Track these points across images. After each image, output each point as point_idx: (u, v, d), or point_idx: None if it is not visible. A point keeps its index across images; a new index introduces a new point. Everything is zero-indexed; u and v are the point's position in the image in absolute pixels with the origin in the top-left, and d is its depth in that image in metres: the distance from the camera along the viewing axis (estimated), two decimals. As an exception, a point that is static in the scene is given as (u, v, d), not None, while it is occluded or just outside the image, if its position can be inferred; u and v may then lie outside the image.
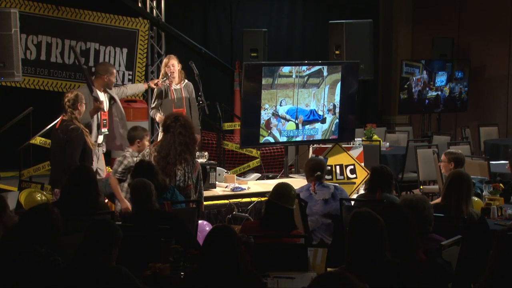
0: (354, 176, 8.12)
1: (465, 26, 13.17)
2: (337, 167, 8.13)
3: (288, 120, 8.30)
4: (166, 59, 8.48)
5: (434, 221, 4.75)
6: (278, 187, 5.25)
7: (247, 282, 3.80)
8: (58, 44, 10.17)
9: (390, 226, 4.05)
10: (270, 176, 9.09)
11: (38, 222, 4.29)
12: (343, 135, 8.68)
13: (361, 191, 7.25)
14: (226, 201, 7.37)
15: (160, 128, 7.40)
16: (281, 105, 8.20)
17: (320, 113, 8.49)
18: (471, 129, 11.81)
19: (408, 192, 9.52)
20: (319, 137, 8.55)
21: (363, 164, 8.18)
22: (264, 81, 7.99)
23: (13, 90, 10.06)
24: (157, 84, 8.37)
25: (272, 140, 8.29)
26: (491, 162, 8.19)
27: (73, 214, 5.17)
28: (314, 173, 6.46)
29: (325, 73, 8.44)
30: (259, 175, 8.82)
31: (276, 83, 8.10)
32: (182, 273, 4.37)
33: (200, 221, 6.27)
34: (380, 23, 14.15)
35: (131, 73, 10.68)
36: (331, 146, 8.30)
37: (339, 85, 8.53)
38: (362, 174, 8.06)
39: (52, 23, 10.07)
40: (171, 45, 11.63)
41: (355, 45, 10.38)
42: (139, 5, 11.17)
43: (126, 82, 10.34)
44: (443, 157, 7.10)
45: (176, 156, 6.31)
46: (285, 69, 8.16)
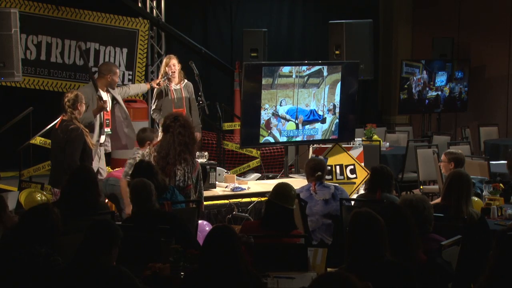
0: (354, 176, 8.12)
1: (465, 26, 13.17)
2: (337, 167, 8.13)
3: (288, 120, 8.30)
4: (167, 59, 8.48)
5: (434, 221, 4.75)
6: (278, 187, 5.25)
7: (247, 282, 3.80)
8: (58, 44, 10.17)
9: (390, 226, 4.06)
10: (270, 176, 9.08)
11: (38, 222, 4.29)
12: (343, 135, 8.67)
13: (361, 191, 7.25)
14: (226, 201, 7.36)
15: (160, 128, 7.39)
16: (281, 105, 8.20)
17: (320, 113, 8.49)
18: (471, 129, 11.80)
19: (408, 192, 9.52)
20: (319, 137, 8.55)
21: (363, 164, 8.17)
22: (264, 81, 7.99)
23: (13, 90, 10.06)
24: (159, 84, 8.36)
25: (272, 140, 8.28)
26: (491, 162, 8.19)
27: (73, 214, 5.17)
28: (315, 173, 6.46)
29: (325, 73, 8.44)
30: (259, 175, 8.81)
31: (276, 83, 8.10)
32: (182, 273, 4.37)
33: (200, 221, 6.26)
34: (380, 23, 14.15)
35: (131, 73, 10.68)
36: (331, 146, 8.30)
37: (339, 85, 8.53)
38: (362, 174, 8.06)
39: (52, 23, 10.07)
40: (171, 45, 11.63)
41: (355, 45, 10.38)
42: (139, 5, 11.17)
43: (126, 82, 10.34)
44: (443, 157, 7.09)
45: (175, 156, 6.31)
46: (285, 69, 8.16)
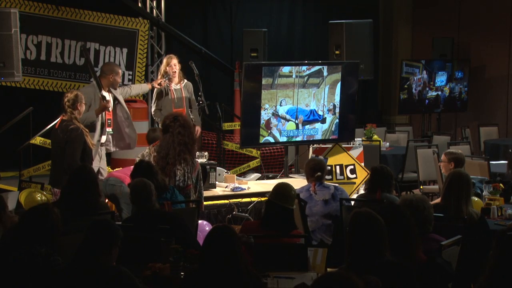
0: (354, 176, 8.12)
1: (465, 26, 13.17)
2: (337, 167, 8.13)
3: (288, 120, 8.30)
4: (168, 59, 8.46)
5: (434, 221, 4.75)
6: (278, 187, 5.25)
7: (247, 282, 3.80)
8: (58, 44, 10.17)
9: (390, 226, 4.06)
10: (270, 176, 9.08)
11: (38, 222, 4.29)
12: (343, 135, 8.67)
13: (361, 191, 7.25)
14: (226, 201, 7.36)
15: (159, 128, 7.39)
16: (281, 105, 8.20)
17: (320, 113, 8.49)
18: (471, 129, 11.80)
19: (408, 192, 9.52)
20: (319, 137, 8.55)
21: (363, 164, 8.17)
22: (264, 81, 7.99)
23: (13, 90, 10.06)
24: (160, 84, 8.35)
25: (272, 140, 8.28)
26: (491, 162, 8.19)
27: (73, 214, 5.17)
28: (315, 173, 6.46)
29: (325, 73, 8.44)
30: (259, 175, 8.81)
31: (276, 83, 8.10)
32: (182, 273, 4.37)
33: (200, 221, 6.26)
34: (380, 23, 14.15)
35: (131, 73, 10.68)
36: (331, 146, 8.30)
37: (339, 85, 8.52)
38: (362, 174, 8.06)
39: (52, 23, 10.07)
40: (171, 45, 11.63)
41: (355, 45, 10.38)
42: (139, 5, 11.17)
43: (126, 82, 10.34)
44: (443, 157, 7.09)
45: (175, 156, 6.31)
46: (285, 69, 8.16)
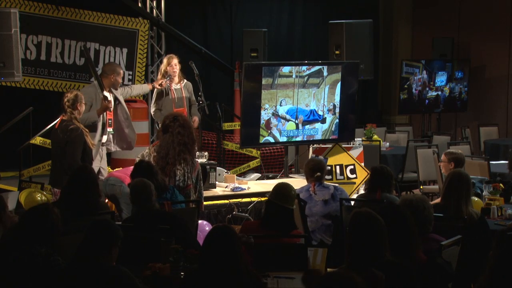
0: (354, 176, 8.12)
1: (465, 26, 13.17)
2: (337, 167, 8.13)
3: (288, 120, 8.30)
4: (168, 59, 8.44)
5: (434, 221, 4.75)
6: (278, 187, 5.25)
7: (247, 282, 3.80)
8: (58, 44, 10.17)
9: (390, 226, 4.06)
10: (270, 176, 9.07)
11: (38, 222, 4.29)
12: (343, 135, 8.67)
13: (361, 191, 7.25)
14: (226, 201, 7.35)
15: (159, 128, 7.40)
16: (281, 105, 8.20)
17: (320, 113, 8.49)
18: (471, 129, 11.80)
19: (408, 192, 9.52)
20: (319, 137, 8.55)
21: (363, 164, 8.17)
22: (264, 81, 7.99)
23: (13, 90, 10.05)
24: (161, 85, 8.34)
25: (272, 140, 8.28)
26: (491, 162, 8.19)
27: (73, 214, 5.17)
28: (314, 173, 6.45)
29: (325, 73, 8.44)
30: (259, 175, 8.81)
31: (276, 83, 8.10)
32: (182, 273, 4.37)
33: (200, 221, 6.26)
34: (380, 23, 14.15)
35: (131, 73, 10.68)
36: (331, 146, 8.30)
37: (339, 85, 8.52)
38: (362, 174, 8.06)
39: (52, 23, 10.07)
40: (171, 45, 11.63)
41: (355, 45, 10.38)
42: (139, 5, 11.17)
43: (126, 82, 10.33)
44: (443, 157, 7.09)
45: (175, 156, 6.31)
46: (285, 69, 8.15)
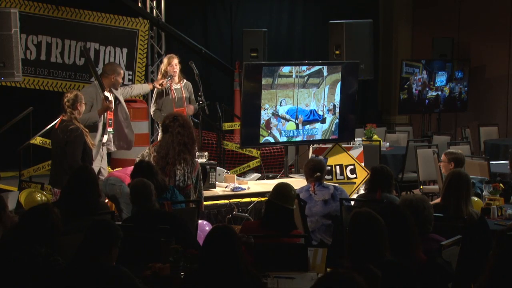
0: (354, 176, 8.12)
1: (465, 26, 13.17)
2: (337, 167, 8.13)
3: (288, 120, 8.30)
4: (169, 59, 8.43)
5: (434, 221, 4.75)
6: (278, 187, 5.25)
7: (247, 282, 3.80)
8: (58, 44, 10.17)
9: (390, 226, 4.06)
10: (270, 176, 9.07)
11: (38, 222, 4.29)
12: (343, 135, 8.67)
13: (361, 191, 7.25)
14: (226, 201, 7.35)
15: (160, 128, 7.40)
16: (281, 105, 8.20)
17: (320, 113, 8.49)
18: (471, 129, 11.80)
19: (408, 192, 9.52)
20: (319, 137, 8.55)
21: (363, 164, 8.17)
22: (264, 81, 7.99)
23: (13, 90, 10.06)
24: (162, 84, 8.34)
25: (272, 140, 8.28)
26: (491, 162, 8.19)
27: (73, 214, 5.17)
28: (314, 174, 6.45)
29: (325, 73, 8.44)
30: (259, 175, 8.81)
31: (276, 83, 8.10)
32: (182, 273, 4.37)
33: (200, 221, 6.26)
34: (380, 23, 14.15)
35: (131, 73, 10.68)
36: (331, 146, 8.30)
37: (339, 85, 8.52)
38: (362, 174, 8.06)
39: (52, 23, 10.07)
40: (171, 45, 11.63)
41: (355, 45, 10.38)
42: (139, 5, 11.17)
43: (126, 82, 10.33)
44: (443, 157, 7.09)
45: (175, 156, 6.31)
46: (285, 69, 8.15)
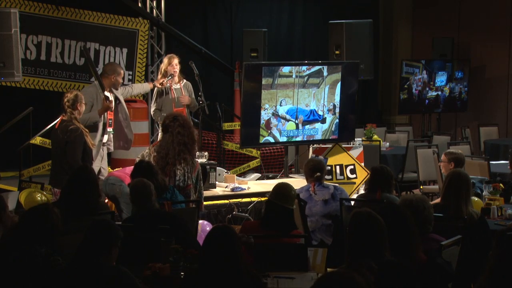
0: (354, 176, 8.11)
1: (465, 26, 13.17)
2: (337, 167, 8.12)
3: (288, 120, 8.30)
4: (169, 59, 8.41)
5: (434, 221, 4.75)
6: (278, 187, 5.25)
7: (247, 282, 3.80)
8: (58, 44, 10.17)
9: (390, 226, 4.06)
10: (270, 176, 9.08)
11: (38, 222, 4.29)
12: (343, 135, 8.67)
13: (361, 191, 7.25)
14: (226, 201, 7.36)
15: (160, 128, 7.40)
16: (281, 105, 8.20)
17: (320, 113, 8.49)
18: (471, 129, 11.80)
19: (408, 192, 9.52)
20: (319, 137, 8.55)
21: (363, 164, 8.17)
22: (264, 81, 7.99)
23: (13, 90, 10.06)
24: (162, 84, 8.33)
25: (272, 140, 8.28)
26: (491, 162, 8.19)
27: (73, 214, 5.17)
28: (314, 174, 6.45)
29: (325, 73, 8.44)
30: (259, 175, 8.81)
31: (276, 83, 8.10)
32: (182, 273, 4.37)
33: (200, 221, 6.26)
34: (380, 23, 14.15)
35: (131, 73, 10.68)
36: (331, 146, 8.30)
37: (339, 85, 8.52)
38: (362, 174, 8.06)
39: (52, 23, 10.08)
40: (171, 45, 11.63)
41: (355, 45, 10.38)
42: (139, 5, 11.17)
43: (126, 82, 10.32)
44: (443, 157, 7.09)
45: (175, 155, 6.31)
46: (285, 69, 8.15)
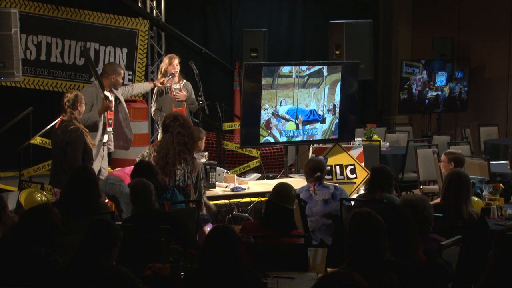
0: (354, 176, 8.11)
1: (465, 26, 13.17)
2: (337, 167, 8.12)
3: (288, 120, 8.30)
4: (170, 59, 8.39)
5: (434, 221, 4.75)
6: (278, 187, 5.25)
7: (247, 282, 3.80)
8: (58, 44, 10.18)
9: (390, 226, 4.06)
10: (270, 176, 9.07)
11: (38, 222, 4.29)
12: (343, 135, 8.66)
13: (361, 191, 7.25)
14: (226, 201, 7.35)
15: (160, 128, 7.40)
16: (281, 105, 8.20)
17: (320, 113, 8.49)
18: (471, 129, 11.80)
19: (408, 192, 9.52)
20: (319, 137, 8.54)
21: (363, 164, 8.17)
22: (264, 81, 7.99)
23: (13, 90, 10.06)
24: (162, 83, 8.33)
25: (272, 140, 8.28)
26: (491, 162, 8.19)
27: (73, 214, 5.17)
28: (314, 173, 6.46)
29: (325, 73, 8.44)
30: (259, 175, 8.80)
31: (276, 83, 8.10)
32: (182, 273, 4.37)
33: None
34: (380, 23, 14.15)
35: (131, 73, 10.69)
36: (331, 146, 8.30)
37: (339, 85, 8.52)
38: (362, 174, 8.06)
39: (52, 23, 10.08)
40: (171, 45, 11.63)
41: (355, 45, 10.37)
42: (139, 5, 11.17)
43: (126, 82, 10.33)
44: (443, 157, 7.09)
45: (175, 155, 6.31)
46: (285, 69, 8.15)
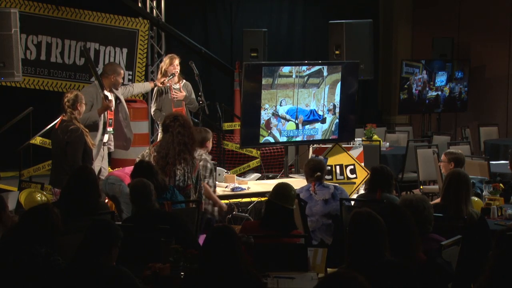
0: (354, 176, 8.11)
1: (465, 26, 13.17)
2: (337, 167, 8.12)
3: (288, 120, 8.30)
4: (170, 59, 8.39)
5: (434, 221, 4.75)
6: (278, 187, 5.25)
7: (247, 282, 3.80)
8: (58, 44, 10.18)
9: (390, 226, 4.06)
10: (270, 176, 9.08)
11: (38, 222, 4.29)
12: (343, 135, 8.67)
13: (361, 191, 7.25)
14: (226, 201, 7.35)
15: (160, 128, 7.41)
16: (281, 105, 8.20)
17: (320, 113, 8.49)
18: (471, 129, 11.80)
19: (408, 192, 9.52)
20: (319, 137, 8.55)
21: (363, 164, 8.17)
22: (264, 81, 7.99)
23: (13, 90, 10.06)
24: (163, 83, 8.33)
25: (272, 140, 8.28)
26: (491, 162, 8.19)
27: (73, 214, 5.17)
28: (314, 173, 6.46)
29: (325, 73, 8.44)
30: (259, 175, 8.81)
31: (276, 83, 8.10)
32: (182, 273, 4.37)
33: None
34: (380, 23, 14.15)
35: (131, 73, 10.69)
36: (331, 146, 8.30)
37: (339, 85, 8.52)
38: (362, 174, 8.06)
39: (52, 23, 10.08)
40: (171, 45, 11.63)
41: (355, 45, 10.38)
42: (139, 5, 11.18)
43: (126, 82, 10.33)
44: (443, 157, 7.09)
45: (175, 155, 6.31)
46: (285, 69, 8.15)
